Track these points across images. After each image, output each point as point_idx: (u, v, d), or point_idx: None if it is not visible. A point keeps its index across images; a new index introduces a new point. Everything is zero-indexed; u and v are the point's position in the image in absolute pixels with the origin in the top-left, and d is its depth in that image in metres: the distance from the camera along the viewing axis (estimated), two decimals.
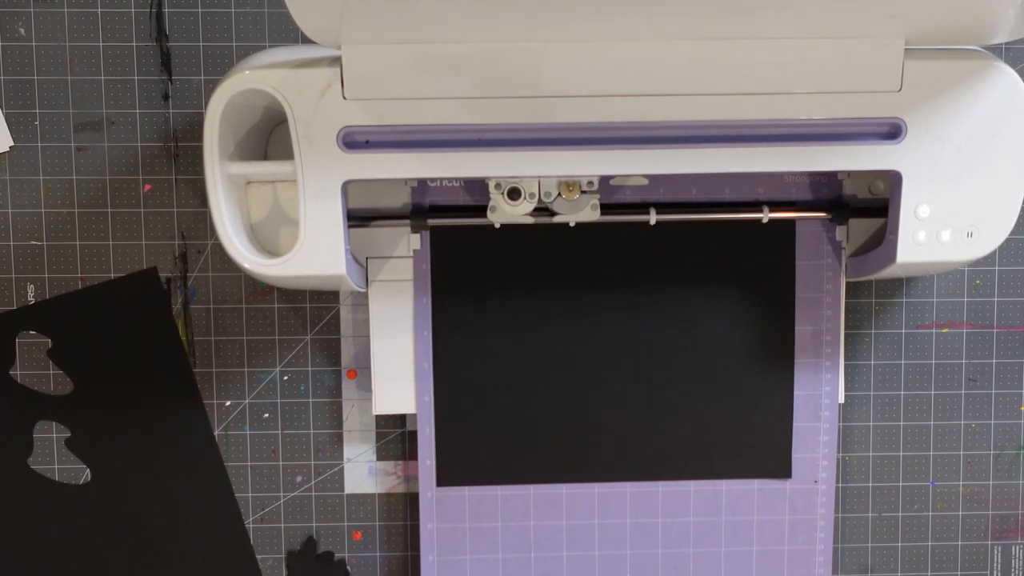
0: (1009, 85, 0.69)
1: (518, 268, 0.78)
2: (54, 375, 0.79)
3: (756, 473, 0.81)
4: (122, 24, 0.77)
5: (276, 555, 0.82)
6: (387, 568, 0.82)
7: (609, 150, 0.69)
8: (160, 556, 0.80)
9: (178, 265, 0.79)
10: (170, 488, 0.80)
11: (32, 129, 0.78)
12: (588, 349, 0.79)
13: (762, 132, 0.69)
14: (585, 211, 0.74)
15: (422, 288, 0.78)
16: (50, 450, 0.80)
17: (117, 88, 0.78)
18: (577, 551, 0.81)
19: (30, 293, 0.79)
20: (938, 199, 0.70)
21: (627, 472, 0.80)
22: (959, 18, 0.65)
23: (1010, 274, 0.82)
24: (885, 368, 0.82)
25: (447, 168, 0.69)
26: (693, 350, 0.79)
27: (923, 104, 0.69)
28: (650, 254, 0.78)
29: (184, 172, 0.79)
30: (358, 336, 0.80)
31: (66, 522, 0.80)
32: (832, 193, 0.78)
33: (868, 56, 0.68)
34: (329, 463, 0.81)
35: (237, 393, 0.80)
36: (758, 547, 0.81)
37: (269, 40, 0.78)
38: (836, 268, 0.79)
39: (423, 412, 0.79)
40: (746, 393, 0.80)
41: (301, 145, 0.68)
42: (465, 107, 0.68)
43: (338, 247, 0.69)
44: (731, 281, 0.79)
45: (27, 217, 0.78)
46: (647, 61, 0.67)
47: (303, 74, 0.67)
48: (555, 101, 0.68)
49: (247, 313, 0.80)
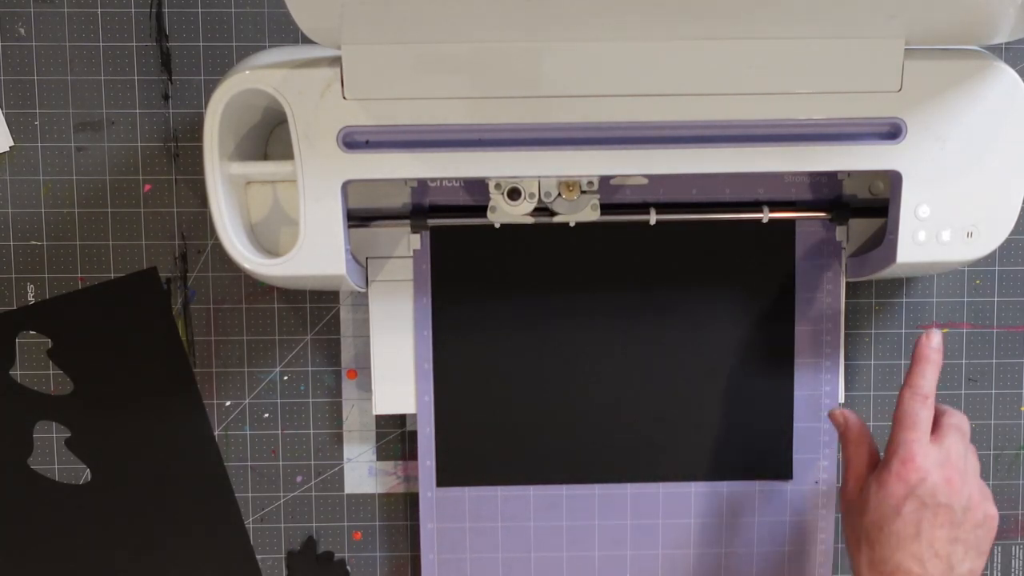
0: (1009, 85, 0.69)
1: (518, 268, 0.78)
2: (54, 375, 0.79)
3: (757, 474, 0.81)
4: (122, 24, 0.77)
5: (276, 555, 0.82)
6: (387, 568, 0.82)
7: (609, 150, 0.69)
8: (160, 556, 0.80)
9: (178, 265, 0.79)
10: (170, 488, 0.80)
11: (32, 129, 0.78)
12: (588, 349, 0.79)
13: (762, 132, 0.69)
14: (585, 211, 0.74)
15: (422, 288, 0.78)
16: (50, 450, 0.80)
17: (117, 88, 0.78)
18: (577, 551, 0.81)
19: (30, 293, 0.79)
20: (938, 199, 0.70)
21: (627, 473, 0.80)
22: (959, 18, 0.65)
23: (1010, 274, 0.82)
24: (885, 368, 0.82)
25: (447, 168, 0.69)
26: (693, 350, 0.79)
27: (923, 104, 0.69)
28: (650, 254, 0.78)
29: (184, 172, 0.79)
30: (358, 336, 0.80)
31: (66, 522, 0.80)
32: (832, 193, 0.78)
33: (868, 56, 0.68)
34: (329, 463, 0.81)
35: (237, 393, 0.80)
36: (758, 548, 0.81)
37: (269, 40, 0.78)
38: (836, 268, 0.79)
39: (423, 412, 0.79)
40: (746, 393, 0.80)
41: (301, 145, 0.68)
42: (465, 107, 0.68)
43: (338, 247, 0.69)
44: (731, 281, 0.79)
45: (27, 217, 0.78)
46: (647, 61, 0.67)
47: (303, 74, 0.67)
48: (555, 101, 0.68)
49: (247, 313, 0.80)
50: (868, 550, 0.69)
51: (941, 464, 0.68)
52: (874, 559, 0.68)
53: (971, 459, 0.71)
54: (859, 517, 0.70)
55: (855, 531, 0.70)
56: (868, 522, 0.69)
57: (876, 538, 0.68)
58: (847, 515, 0.72)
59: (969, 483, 0.69)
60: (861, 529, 0.69)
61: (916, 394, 0.70)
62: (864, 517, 0.69)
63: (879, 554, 0.68)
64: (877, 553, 0.68)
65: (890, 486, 0.68)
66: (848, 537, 0.71)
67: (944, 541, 0.68)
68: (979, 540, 0.69)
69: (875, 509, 0.69)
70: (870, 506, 0.69)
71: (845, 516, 0.72)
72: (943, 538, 0.68)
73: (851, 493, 0.72)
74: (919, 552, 0.67)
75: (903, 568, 0.67)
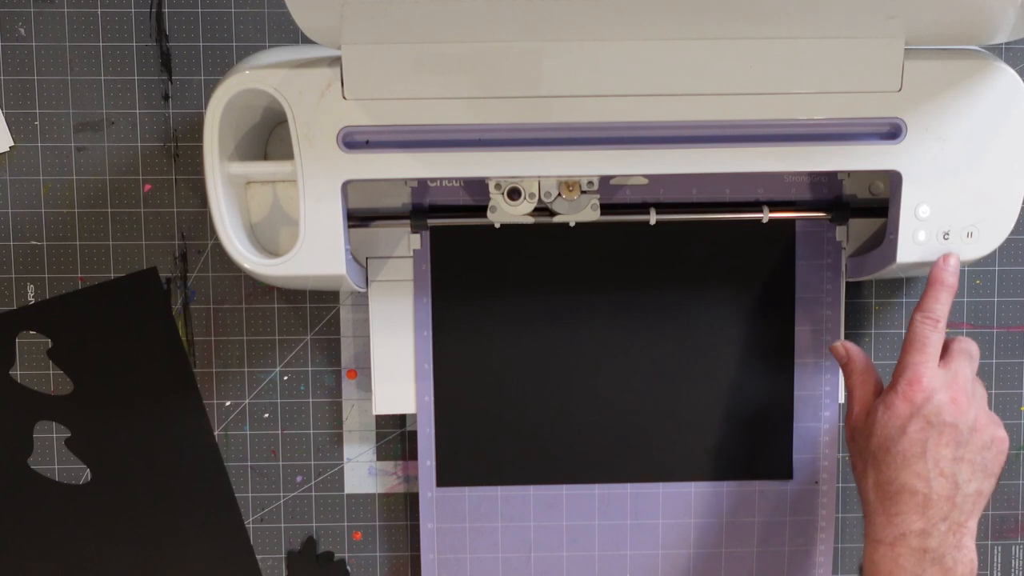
0: (1009, 85, 0.69)
1: (518, 268, 0.78)
2: (54, 375, 0.79)
3: (757, 474, 0.81)
4: (122, 24, 0.77)
5: (276, 555, 0.82)
6: (387, 568, 0.82)
7: (609, 150, 0.69)
8: (160, 556, 0.80)
9: (178, 265, 0.79)
10: (170, 488, 0.80)
11: (32, 129, 0.78)
12: (588, 349, 0.79)
13: (762, 132, 0.69)
14: (585, 211, 0.74)
15: (422, 288, 0.78)
16: (50, 450, 0.80)
17: (117, 88, 0.78)
18: (577, 551, 0.81)
19: (30, 293, 0.79)
20: (938, 199, 0.70)
21: (627, 473, 0.80)
22: (959, 18, 0.65)
23: (1010, 274, 0.82)
24: (885, 368, 0.82)
25: (447, 168, 0.69)
26: (693, 350, 0.79)
27: (923, 104, 0.69)
28: (650, 254, 0.78)
29: (184, 172, 0.79)
30: (358, 336, 0.80)
31: (66, 522, 0.80)
32: (832, 193, 0.78)
33: (868, 56, 0.68)
34: (329, 463, 0.81)
35: (237, 393, 0.80)
36: (759, 548, 0.81)
37: (269, 40, 0.78)
38: (836, 268, 0.79)
39: (423, 412, 0.79)
40: (746, 393, 0.80)
41: (301, 145, 0.68)
42: (465, 107, 0.68)
43: (338, 247, 0.69)
44: (731, 281, 0.79)
45: (27, 217, 0.78)
46: (647, 61, 0.67)
47: (303, 74, 0.67)
48: (555, 101, 0.68)
49: (247, 313, 0.80)
50: (875, 472, 0.69)
51: (948, 385, 0.69)
52: (880, 481, 0.69)
53: (979, 388, 0.71)
54: (866, 442, 0.70)
55: (862, 457, 0.71)
56: (874, 445, 0.69)
57: (882, 460, 0.69)
58: (853, 443, 0.72)
59: (976, 405, 0.69)
60: (868, 453, 0.70)
61: (927, 318, 0.70)
62: (871, 441, 0.70)
63: (885, 475, 0.68)
64: (883, 475, 0.68)
65: (896, 407, 0.68)
66: (855, 465, 0.72)
67: (949, 460, 0.68)
68: (987, 462, 0.69)
69: (881, 431, 0.69)
70: (876, 428, 0.69)
71: (851, 444, 0.72)
72: (948, 457, 0.68)
73: (857, 419, 0.72)
74: (924, 471, 0.67)
75: (908, 487, 0.68)
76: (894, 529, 0.68)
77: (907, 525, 0.67)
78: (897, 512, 0.68)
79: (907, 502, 0.68)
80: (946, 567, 0.67)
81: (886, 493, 0.68)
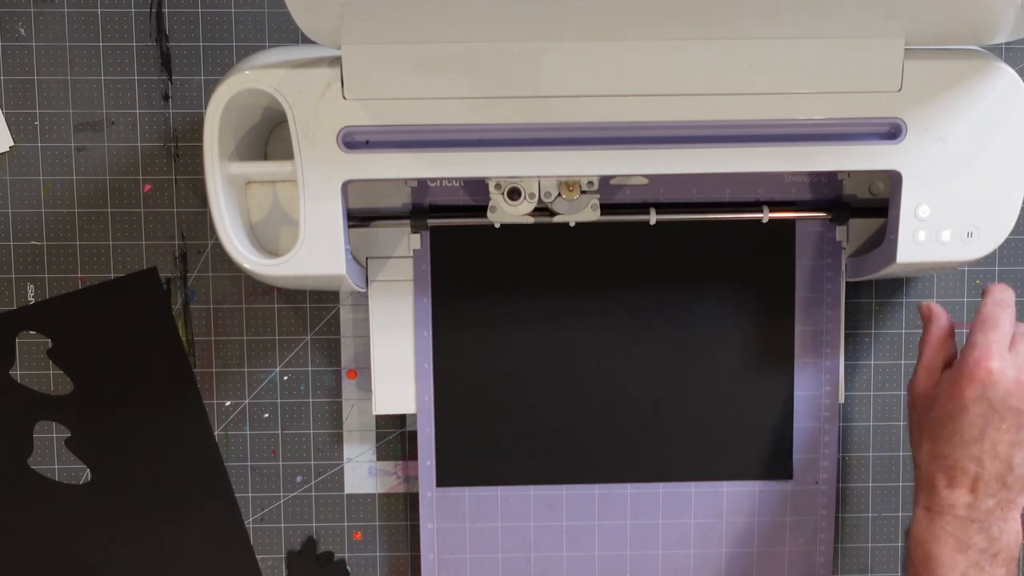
0: (1009, 85, 0.69)
1: (518, 268, 0.78)
2: (54, 375, 0.79)
3: (757, 474, 0.81)
4: (122, 24, 0.77)
5: (276, 555, 0.82)
6: (387, 568, 0.82)
7: (609, 150, 0.69)
8: (160, 556, 0.80)
9: (178, 265, 0.79)
10: (170, 488, 0.80)
11: (32, 129, 0.78)
12: (588, 349, 0.79)
13: (762, 132, 0.69)
14: (585, 211, 0.74)
15: (422, 288, 0.78)
16: (50, 450, 0.80)
17: (117, 88, 0.78)
18: (577, 551, 0.81)
19: (30, 293, 0.79)
20: (938, 199, 0.70)
21: (627, 473, 0.80)
22: (959, 18, 0.65)
23: (1010, 274, 0.82)
24: (885, 368, 0.82)
25: (447, 168, 0.69)
26: (693, 350, 0.79)
27: (923, 104, 0.69)
28: (650, 254, 0.78)
29: (184, 172, 0.79)
30: (358, 336, 0.80)
31: (66, 522, 0.80)
32: (832, 193, 0.78)
33: (868, 56, 0.68)
34: (329, 463, 0.81)
35: (237, 393, 0.80)
36: (759, 548, 0.81)
37: (269, 40, 0.78)
38: (836, 268, 0.79)
39: (423, 412, 0.79)
40: (746, 393, 0.80)
41: (301, 145, 0.68)
42: (465, 107, 0.68)
43: (338, 247, 0.69)
44: (731, 281, 0.79)
45: (27, 217, 0.78)
46: (647, 61, 0.67)
47: (303, 74, 0.67)
48: (555, 101, 0.68)
49: (247, 313, 0.80)
50: (930, 444, 0.69)
51: (1018, 369, 0.68)
52: (935, 453, 0.69)
53: None
54: (926, 411, 0.70)
55: (920, 425, 0.71)
56: (934, 417, 0.69)
57: (939, 434, 0.69)
58: (913, 408, 0.72)
59: None
60: (925, 424, 0.70)
61: (999, 303, 0.70)
62: (931, 412, 0.70)
63: (940, 449, 0.69)
64: (938, 448, 0.69)
65: (962, 384, 0.68)
66: (912, 435, 0.72)
67: (1007, 444, 0.68)
68: None
69: (943, 405, 0.69)
70: (939, 401, 0.69)
71: (911, 410, 0.73)
72: (1006, 441, 0.68)
73: (919, 386, 0.72)
74: (979, 453, 0.68)
75: (961, 465, 0.68)
76: (942, 500, 0.69)
77: (956, 498, 0.68)
78: (948, 485, 0.68)
79: (959, 478, 0.68)
80: (992, 536, 0.68)
81: (939, 466, 0.69)
